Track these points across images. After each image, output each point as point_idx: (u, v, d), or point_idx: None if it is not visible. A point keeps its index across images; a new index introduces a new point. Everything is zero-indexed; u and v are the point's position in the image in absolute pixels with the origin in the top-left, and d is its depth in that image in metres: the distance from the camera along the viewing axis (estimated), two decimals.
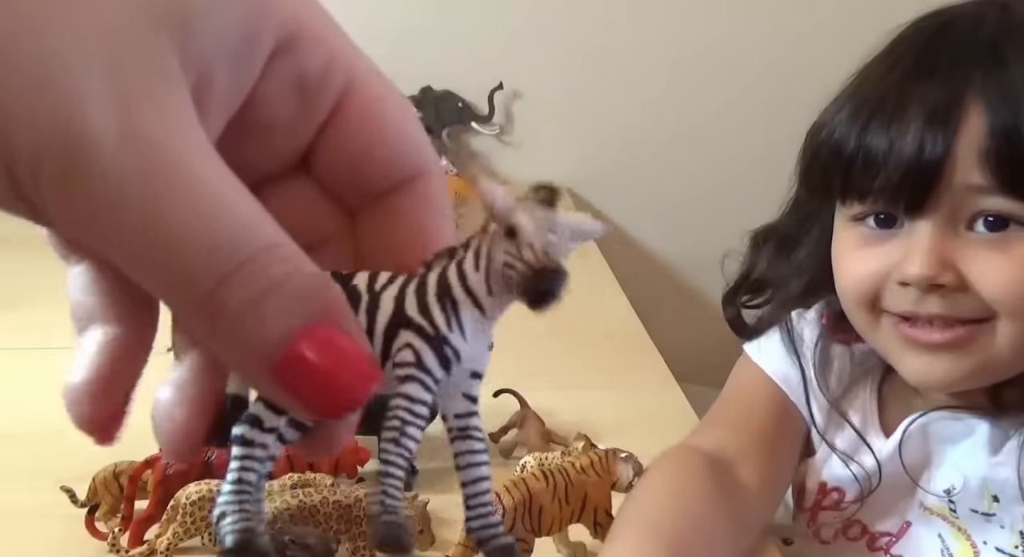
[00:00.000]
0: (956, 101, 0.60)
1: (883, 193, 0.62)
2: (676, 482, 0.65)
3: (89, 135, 0.17)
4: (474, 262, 0.23)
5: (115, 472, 0.68)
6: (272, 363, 0.19)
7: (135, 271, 0.18)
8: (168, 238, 0.17)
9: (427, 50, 1.79)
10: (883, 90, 0.63)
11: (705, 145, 1.86)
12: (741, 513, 0.67)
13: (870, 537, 0.77)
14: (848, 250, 0.67)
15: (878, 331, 0.67)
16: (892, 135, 0.61)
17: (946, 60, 0.62)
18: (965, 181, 0.59)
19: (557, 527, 0.63)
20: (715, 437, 0.72)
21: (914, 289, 0.62)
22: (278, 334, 0.18)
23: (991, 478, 0.69)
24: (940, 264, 0.60)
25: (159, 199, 0.17)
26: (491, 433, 0.82)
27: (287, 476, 0.65)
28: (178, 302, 0.19)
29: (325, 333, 0.19)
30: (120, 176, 0.17)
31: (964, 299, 0.61)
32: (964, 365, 0.63)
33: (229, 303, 0.18)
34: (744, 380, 0.80)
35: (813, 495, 0.79)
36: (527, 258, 0.22)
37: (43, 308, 1.04)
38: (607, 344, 1.08)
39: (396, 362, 0.23)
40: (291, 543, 0.55)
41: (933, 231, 0.61)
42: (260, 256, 0.18)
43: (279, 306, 0.18)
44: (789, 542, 0.81)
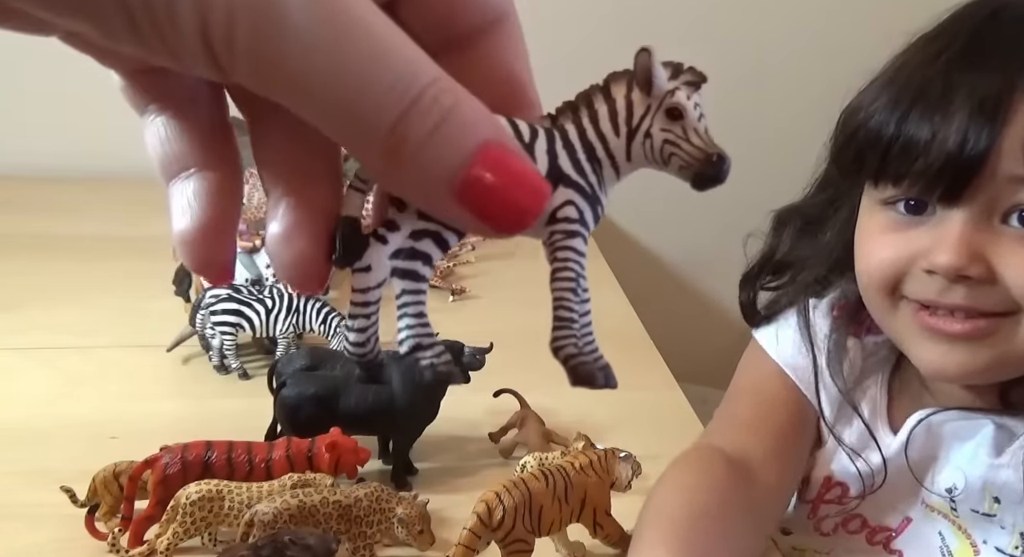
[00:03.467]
0: (1006, 92, 0.58)
1: (920, 179, 0.61)
2: (693, 483, 0.65)
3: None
4: (612, 126, 0.25)
5: (115, 472, 0.68)
6: (454, 186, 0.20)
7: (321, 119, 0.19)
8: (353, 83, 0.19)
9: None
10: (927, 77, 0.62)
11: None
12: (758, 511, 0.67)
13: (870, 531, 0.77)
14: (874, 234, 0.66)
15: (895, 317, 0.66)
16: (935, 125, 0.59)
17: (996, 49, 0.61)
18: (1008, 172, 0.58)
19: (557, 527, 0.63)
20: (735, 439, 0.72)
21: (940, 278, 0.61)
22: (457, 159, 0.20)
23: (992, 480, 0.69)
24: (970, 255, 0.59)
25: (343, 47, 0.18)
26: (491, 433, 0.82)
27: (287, 476, 0.65)
28: (362, 142, 0.20)
29: (496, 154, 0.20)
30: (308, 30, 0.18)
31: (990, 292, 0.60)
32: (981, 357, 0.62)
33: (409, 136, 0.19)
34: (757, 375, 0.79)
35: (817, 487, 0.78)
36: (696, 143, 0.24)
37: (43, 309, 1.05)
38: (607, 344, 1.07)
39: (559, 217, 0.24)
40: (291, 543, 0.55)
41: (966, 221, 0.60)
42: (429, 90, 0.19)
43: (453, 133, 0.20)
44: (788, 532, 0.81)
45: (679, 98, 0.24)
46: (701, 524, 0.60)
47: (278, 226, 0.23)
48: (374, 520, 0.63)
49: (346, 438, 0.68)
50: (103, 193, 1.48)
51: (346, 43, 0.19)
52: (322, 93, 0.19)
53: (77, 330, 0.99)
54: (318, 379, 0.75)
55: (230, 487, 0.63)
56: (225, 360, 0.91)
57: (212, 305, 0.89)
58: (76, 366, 0.92)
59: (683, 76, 0.25)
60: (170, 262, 1.03)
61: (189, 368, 0.94)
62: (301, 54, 0.18)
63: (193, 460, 0.65)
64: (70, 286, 1.10)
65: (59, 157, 1.68)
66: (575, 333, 0.25)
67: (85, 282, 1.11)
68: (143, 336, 0.97)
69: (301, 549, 0.55)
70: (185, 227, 0.24)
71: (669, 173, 0.25)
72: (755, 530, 0.66)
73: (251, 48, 0.18)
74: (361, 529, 0.63)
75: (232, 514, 0.62)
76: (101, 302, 1.06)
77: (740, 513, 0.64)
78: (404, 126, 0.19)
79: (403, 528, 0.64)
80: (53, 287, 1.10)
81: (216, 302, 0.89)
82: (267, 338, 0.93)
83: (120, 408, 0.85)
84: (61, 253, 1.20)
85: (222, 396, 0.88)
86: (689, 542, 0.58)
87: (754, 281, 0.81)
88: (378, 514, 0.63)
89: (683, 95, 0.24)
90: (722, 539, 0.61)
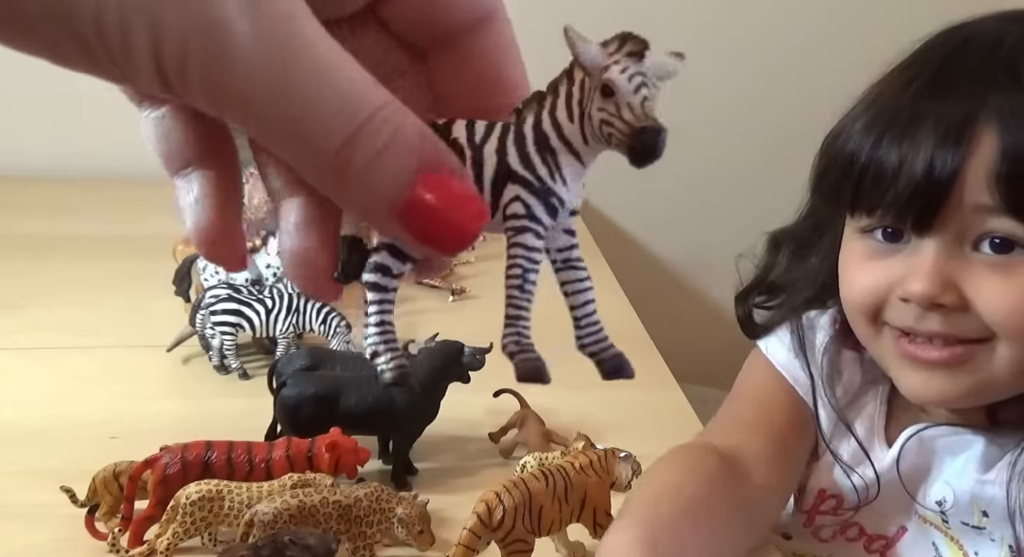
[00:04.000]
0: (970, 121, 0.59)
1: (892, 208, 0.62)
2: (681, 474, 0.65)
3: (229, 25, 0.19)
4: (567, 112, 0.25)
5: (115, 472, 0.68)
6: (396, 207, 0.21)
7: (269, 139, 0.21)
8: (301, 108, 0.20)
9: None
10: (898, 105, 0.63)
11: (706, 144, 1.86)
12: (749, 509, 0.67)
13: (867, 539, 0.78)
14: (854, 261, 0.67)
15: (879, 343, 0.68)
16: (903, 152, 0.61)
17: (962, 79, 0.62)
18: (974, 201, 0.59)
19: (557, 527, 0.63)
20: (731, 437, 0.72)
21: (915, 306, 0.62)
22: (400, 181, 0.21)
23: (980, 494, 0.69)
24: (942, 283, 0.60)
25: (290, 73, 0.19)
26: (491, 433, 0.82)
27: (287, 476, 0.65)
28: (309, 163, 0.21)
29: (438, 178, 0.21)
30: (256, 55, 0.19)
31: (965, 319, 0.61)
32: (960, 384, 0.63)
33: (355, 158, 0.20)
34: (759, 378, 0.79)
35: (812, 498, 0.79)
36: (627, 118, 0.24)
37: (43, 309, 1.05)
38: None
39: (507, 214, 0.25)
40: (291, 543, 0.55)
41: (938, 249, 0.61)
42: (376, 115, 0.20)
43: (396, 158, 0.21)
44: (788, 537, 0.81)
45: (611, 73, 0.23)
46: (681, 513, 0.60)
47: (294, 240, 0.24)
48: (374, 520, 0.63)
49: (346, 438, 0.68)
50: (99, 193, 1.48)
51: (294, 69, 0.19)
52: (270, 116, 0.20)
53: (77, 330, 0.99)
54: (318, 379, 0.75)
55: (230, 487, 0.63)
56: (225, 360, 0.91)
57: (212, 305, 0.89)
58: (76, 366, 0.92)
59: (625, 48, 0.24)
60: (170, 262, 1.03)
61: (189, 368, 0.94)
62: (249, 78, 0.19)
63: (193, 460, 0.65)
64: (69, 286, 1.10)
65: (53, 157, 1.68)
66: (519, 330, 0.26)
67: (85, 282, 1.11)
68: (143, 336, 0.97)
69: (301, 549, 0.55)
70: (195, 229, 0.25)
71: (618, 152, 0.25)
72: (744, 527, 0.66)
73: (202, 73, 0.19)
74: (361, 529, 0.63)
75: (232, 514, 0.62)
76: (101, 302, 1.06)
77: (727, 508, 0.64)
78: (349, 150, 0.20)
79: (403, 528, 0.64)
80: (52, 287, 1.10)
81: (216, 302, 0.89)
82: (267, 338, 0.93)
83: (120, 408, 0.85)
84: (59, 253, 1.20)
85: (222, 396, 0.88)
86: (661, 529, 0.57)
87: (746, 300, 0.82)
88: (378, 514, 0.63)
89: (616, 70, 0.24)
90: (703, 532, 0.60)
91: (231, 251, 0.25)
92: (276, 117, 0.20)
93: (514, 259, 0.25)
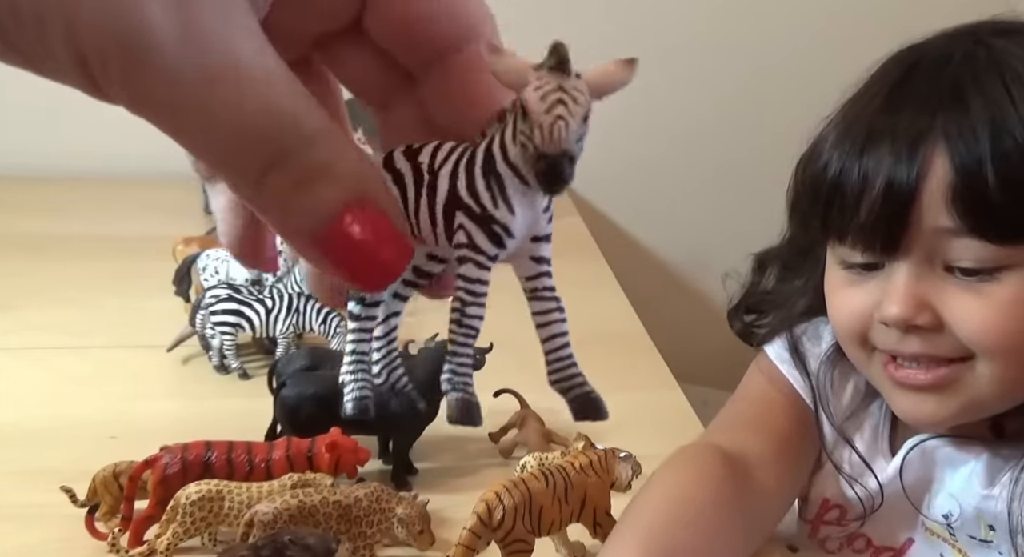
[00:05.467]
0: (920, 144, 0.60)
1: (859, 236, 0.63)
2: (686, 477, 0.65)
3: (150, 35, 0.18)
4: (512, 134, 0.23)
5: (115, 472, 0.68)
6: (315, 238, 0.20)
7: (193, 150, 0.20)
8: (221, 128, 0.19)
9: None
10: (854, 135, 0.64)
11: (706, 145, 1.86)
12: (753, 512, 0.67)
13: (874, 550, 0.77)
14: (837, 288, 0.68)
15: (871, 367, 0.68)
16: (864, 182, 0.61)
17: (911, 102, 0.62)
18: (934, 224, 0.60)
19: (557, 527, 0.63)
20: (735, 437, 0.72)
21: (895, 328, 0.63)
22: (322, 212, 0.20)
23: (985, 509, 0.69)
24: (916, 305, 0.61)
25: (214, 93, 0.19)
26: (491, 433, 0.82)
27: (287, 476, 0.65)
28: (232, 178, 0.20)
29: (364, 213, 0.21)
30: (178, 73, 0.18)
31: (942, 339, 0.62)
32: (950, 405, 0.64)
33: (277, 186, 0.20)
34: (764, 380, 0.79)
35: (815, 508, 0.78)
36: (536, 142, 0.22)
37: (42, 309, 1.05)
38: (607, 344, 1.08)
39: (455, 243, 0.24)
40: (291, 543, 0.55)
41: (909, 272, 0.62)
42: (306, 144, 0.20)
43: (324, 188, 0.20)
44: (794, 549, 0.81)
45: (526, 92, 0.22)
46: (684, 518, 0.60)
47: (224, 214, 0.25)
48: (374, 520, 0.63)
49: (346, 438, 0.68)
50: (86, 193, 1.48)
51: (217, 86, 0.19)
52: (193, 128, 0.19)
53: (76, 330, 0.99)
54: (318, 379, 0.75)
55: (230, 487, 0.63)
56: (225, 360, 0.91)
57: (212, 305, 0.89)
58: (76, 366, 0.92)
59: (546, 62, 0.22)
60: (163, 261, 1.03)
61: (189, 368, 0.94)
62: (172, 86, 0.18)
63: (193, 460, 0.65)
64: (69, 286, 1.10)
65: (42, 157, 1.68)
66: (454, 367, 0.25)
67: (77, 282, 1.11)
68: (143, 336, 0.97)
69: (301, 549, 0.55)
70: (223, 235, 0.26)
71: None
72: (746, 531, 0.66)
73: (124, 80, 0.19)
74: (361, 529, 0.63)
75: (232, 514, 0.62)
76: (101, 302, 1.06)
77: (731, 512, 0.64)
78: (272, 177, 0.20)
79: (403, 528, 0.64)
80: (50, 287, 1.10)
81: (216, 302, 0.89)
82: (267, 338, 0.93)
83: (120, 408, 0.85)
84: (56, 253, 1.20)
85: (222, 396, 0.88)
86: (663, 535, 0.57)
87: (737, 315, 0.82)
88: (378, 514, 0.63)
89: (531, 88, 0.22)
90: (705, 537, 0.60)
91: (257, 255, 0.26)
92: (199, 130, 0.19)
93: (457, 292, 0.24)
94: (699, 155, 1.87)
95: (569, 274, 1.39)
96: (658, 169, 1.89)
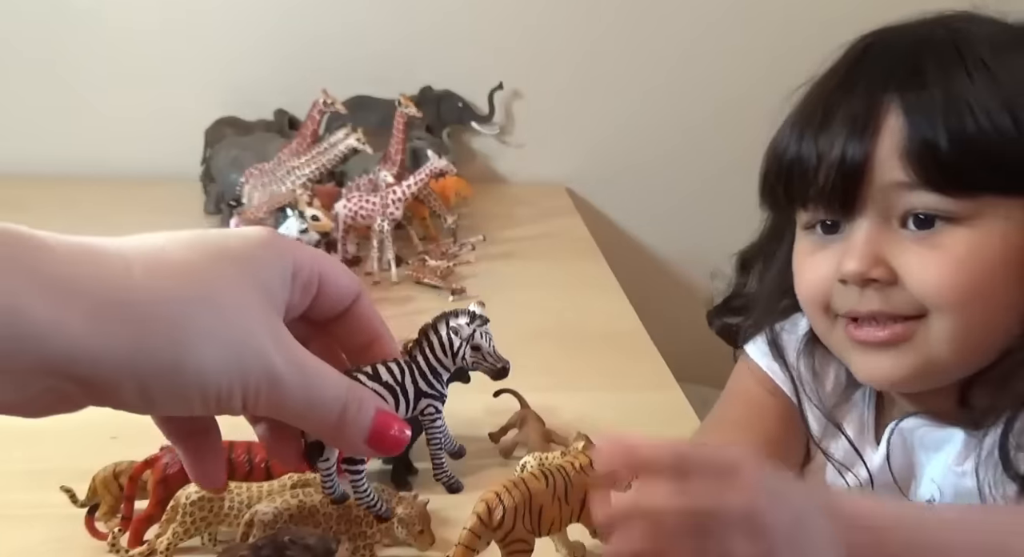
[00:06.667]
0: (875, 106, 0.63)
1: (820, 198, 0.65)
2: None
3: (277, 369, 0.34)
4: (443, 351, 0.46)
5: (115, 472, 0.68)
6: (367, 437, 0.38)
7: (299, 422, 0.37)
8: (316, 402, 0.36)
9: (427, 50, 1.79)
10: (815, 104, 0.68)
11: (706, 144, 1.86)
12: None
13: None
14: (803, 257, 0.70)
15: (833, 334, 0.69)
16: (820, 146, 0.65)
17: (867, 72, 0.66)
18: (889, 179, 0.62)
19: (557, 527, 0.63)
20: (722, 437, 0.72)
21: (854, 287, 0.64)
22: (367, 423, 0.38)
23: (959, 488, 0.69)
24: (872, 259, 0.63)
25: (310, 387, 0.36)
26: (491, 433, 0.82)
27: (287, 476, 0.65)
28: (321, 428, 0.37)
29: (381, 417, 0.38)
30: (295, 388, 0.35)
31: (898, 294, 0.63)
32: (906, 362, 0.65)
33: (347, 418, 0.37)
34: (748, 380, 0.80)
35: None
36: (490, 360, 0.49)
37: None
38: (607, 344, 1.08)
39: (423, 414, 0.45)
40: (291, 543, 0.55)
41: (868, 229, 0.64)
42: (350, 394, 0.38)
43: (364, 411, 0.38)
44: None
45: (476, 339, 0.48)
46: None
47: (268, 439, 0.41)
48: (374, 520, 0.63)
49: None
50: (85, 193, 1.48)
51: (311, 385, 0.36)
52: (301, 410, 0.36)
53: None
54: None
55: (230, 487, 0.63)
56: None
57: None
58: None
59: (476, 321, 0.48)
60: None
61: None
62: (291, 398, 0.35)
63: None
64: None
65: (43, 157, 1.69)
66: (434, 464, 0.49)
67: None
68: None
69: (301, 549, 0.55)
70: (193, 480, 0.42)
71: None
72: None
73: (268, 402, 0.35)
74: (361, 529, 0.63)
75: (232, 514, 0.62)
76: None
77: None
78: (344, 414, 0.37)
79: (403, 528, 0.64)
80: None
81: None
82: None
83: None
84: None
85: None
86: None
87: (719, 316, 0.83)
88: None
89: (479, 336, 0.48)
90: None
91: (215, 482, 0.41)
92: (304, 409, 0.36)
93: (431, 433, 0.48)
94: (699, 155, 1.87)
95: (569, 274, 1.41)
96: (658, 169, 1.89)
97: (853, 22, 0.73)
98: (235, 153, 1.46)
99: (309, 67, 1.69)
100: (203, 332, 0.33)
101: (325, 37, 1.76)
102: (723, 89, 1.82)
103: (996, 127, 0.60)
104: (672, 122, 1.87)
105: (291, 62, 1.74)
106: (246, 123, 1.64)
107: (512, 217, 1.61)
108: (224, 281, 0.34)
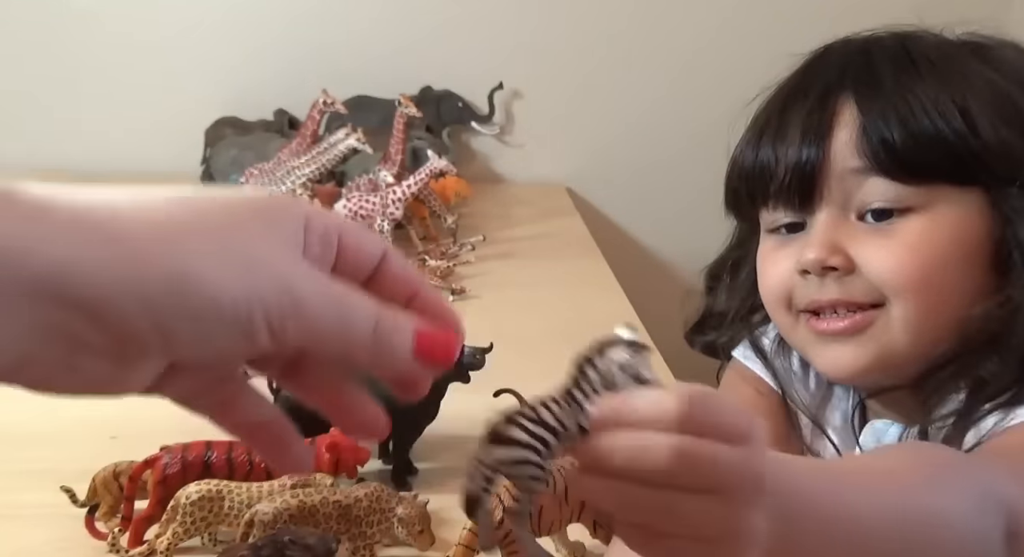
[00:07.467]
0: (831, 102, 0.66)
1: (780, 194, 0.68)
2: None
3: (299, 291, 0.32)
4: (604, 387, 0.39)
5: (115, 472, 0.68)
6: (413, 348, 0.35)
7: (333, 347, 0.34)
8: (348, 324, 0.33)
9: (427, 50, 1.79)
10: (771, 109, 0.71)
11: (706, 144, 1.86)
12: None
13: None
14: (765, 256, 0.72)
15: (796, 331, 0.71)
16: (778, 146, 0.68)
17: (822, 73, 0.69)
18: (844, 167, 0.65)
19: (557, 527, 0.63)
20: None
21: (814, 278, 0.66)
22: (407, 336, 0.35)
23: None
24: (830, 247, 0.65)
25: (339, 310, 0.33)
26: None
27: (287, 476, 0.65)
28: (356, 349, 0.34)
29: (422, 328, 0.35)
30: (320, 310, 0.33)
31: (856, 282, 0.65)
32: (867, 352, 0.66)
33: (381, 334, 0.34)
34: (740, 385, 0.80)
35: None
36: None
37: None
38: None
39: None
40: (291, 543, 0.55)
41: (827, 220, 0.66)
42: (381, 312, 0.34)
43: (400, 326, 0.35)
44: None
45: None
46: None
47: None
48: (374, 520, 0.63)
49: (346, 438, 0.68)
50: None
51: (340, 303, 0.33)
52: (336, 331, 0.33)
53: None
54: None
55: (230, 487, 0.63)
56: None
57: None
58: None
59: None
60: None
61: None
62: (321, 317, 0.33)
63: (193, 460, 0.65)
64: None
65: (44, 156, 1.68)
66: None
67: None
68: None
69: (301, 549, 0.55)
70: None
71: None
72: None
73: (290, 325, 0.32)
74: (361, 529, 0.63)
75: (232, 514, 0.62)
76: None
77: None
78: (378, 328, 0.34)
79: (403, 528, 0.64)
80: None
81: None
82: None
83: (120, 408, 0.84)
84: None
85: None
86: None
87: (698, 333, 0.85)
88: (378, 514, 0.63)
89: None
90: None
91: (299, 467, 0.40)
92: (339, 328, 0.33)
93: None
94: (699, 155, 1.87)
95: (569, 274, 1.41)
96: (658, 169, 1.89)
97: (857, 26, 0.73)
98: (235, 153, 1.47)
99: (309, 67, 1.70)
100: (203, 251, 0.30)
101: (325, 37, 1.76)
102: (723, 89, 1.81)
103: (947, 121, 0.63)
104: (672, 122, 1.87)
105: (291, 62, 1.74)
106: (246, 123, 1.64)
107: (512, 217, 1.61)
108: (224, 212, 0.32)
